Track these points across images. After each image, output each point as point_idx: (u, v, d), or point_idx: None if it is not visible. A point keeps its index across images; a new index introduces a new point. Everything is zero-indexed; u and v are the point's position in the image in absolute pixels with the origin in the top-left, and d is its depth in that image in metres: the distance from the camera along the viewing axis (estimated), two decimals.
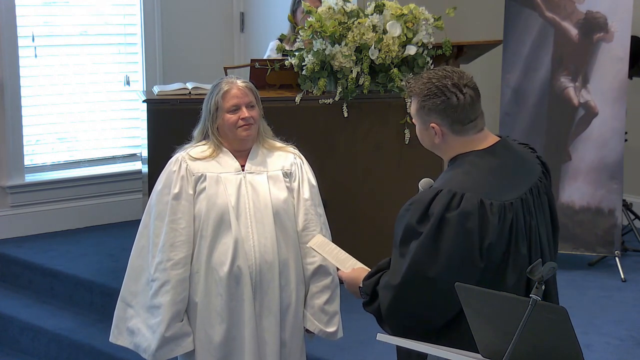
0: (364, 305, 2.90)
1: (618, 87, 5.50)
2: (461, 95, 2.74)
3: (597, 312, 4.96)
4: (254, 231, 3.46)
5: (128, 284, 3.58)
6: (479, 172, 2.74)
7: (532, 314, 2.26)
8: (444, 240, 2.66)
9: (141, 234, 3.57)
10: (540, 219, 2.82)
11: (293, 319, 3.56)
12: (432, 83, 2.77)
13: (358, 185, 5.19)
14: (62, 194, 6.36)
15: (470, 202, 2.66)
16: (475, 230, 2.65)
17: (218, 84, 3.53)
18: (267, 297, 3.49)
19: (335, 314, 3.62)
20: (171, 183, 3.48)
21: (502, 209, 2.69)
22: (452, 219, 2.65)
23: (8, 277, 5.77)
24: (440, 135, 2.78)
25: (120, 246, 5.92)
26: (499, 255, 2.70)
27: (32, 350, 5.18)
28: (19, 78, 6.14)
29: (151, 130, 5.05)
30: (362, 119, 5.16)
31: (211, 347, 3.48)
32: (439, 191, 2.71)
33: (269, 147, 3.59)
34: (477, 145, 2.79)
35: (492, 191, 2.70)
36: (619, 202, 5.53)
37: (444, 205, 2.67)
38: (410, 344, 2.57)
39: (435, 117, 2.77)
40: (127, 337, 3.57)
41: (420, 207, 2.71)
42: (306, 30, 5.11)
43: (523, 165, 2.86)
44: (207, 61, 6.70)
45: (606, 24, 5.50)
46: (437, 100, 2.75)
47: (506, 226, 2.69)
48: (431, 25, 5.16)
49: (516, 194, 2.74)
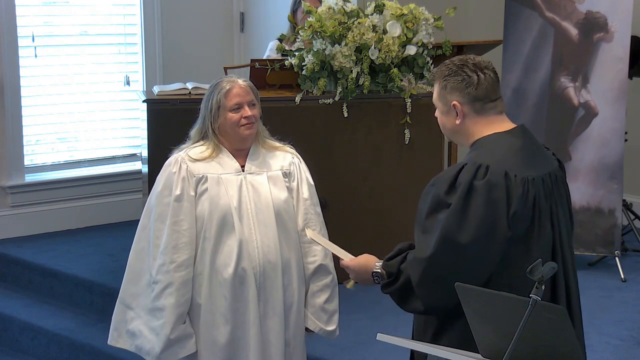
0: (385, 286, 2.90)
1: (618, 87, 5.50)
2: (481, 74, 2.82)
3: (597, 312, 4.95)
4: (257, 232, 3.46)
5: (127, 286, 3.56)
6: (502, 149, 2.80)
7: (532, 314, 2.26)
8: (473, 208, 2.71)
9: (140, 236, 3.56)
10: (559, 205, 2.86)
11: (295, 318, 3.56)
12: (452, 64, 2.86)
13: (358, 185, 5.19)
14: (62, 194, 6.36)
15: (495, 173, 2.72)
16: (502, 200, 2.71)
17: (218, 83, 3.52)
18: (271, 297, 3.49)
19: (335, 313, 3.63)
20: (172, 184, 3.47)
21: (526, 182, 2.75)
22: (480, 187, 2.71)
23: (8, 277, 5.77)
24: (461, 114, 2.84)
25: (120, 246, 5.92)
26: (524, 225, 2.75)
27: (32, 350, 5.17)
28: (19, 78, 6.13)
29: (151, 130, 5.05)
30: (362, 119, 5.16)
31: (216, 348, 3.48)
32: (464, 164, 2.77)
33: (268, 146, 3.60)
34: (498, 127, 2.85)
35: (515, 166, 2.76)
36: (619, 202, 5.53)
37: (470, 175, 2.73)
38: (410, 344, 2.57)
39: (457, 95, 2.83)
40: (128, 339, 3.55)
41: (448, 180, 2.77)
42: (306, 30, 5.11)
43: (541, 152, 2.92)
44: (207, 61, 6.70)
45: (606, 24, 5.50)
46: (459, 77, 2.83)
47: (530, 199, 2.75)
48: (431, 25, 5.16)
49: (538, 173, 2.80)
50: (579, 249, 5.58)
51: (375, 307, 4.86)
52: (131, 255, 3.57)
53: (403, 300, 2.87)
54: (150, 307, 3.47)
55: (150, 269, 3.48)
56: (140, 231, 3.56)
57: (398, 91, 5.10)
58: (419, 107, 5.12)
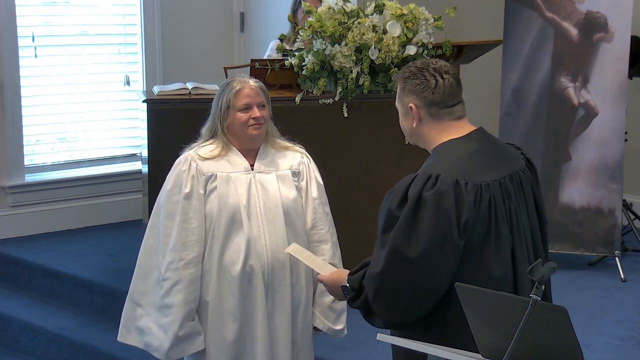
0: (350, 301, 2.92)
1: (618, 87, 5.50)
2: (440, 79, 2.82)
3: (597, 312, 4.96)
4: (266, 230, 3.48)
5: (137, 283, 3.58)
6: (456, 156, 2.79)
7: (532, 314, 2.26)
8: (422, 220, 2.70)
9: (149, 234, 3.57)
10: (521, 207, 2.84)
11: (303, 317, 3.58)
12: (413, 66, 2.87)
13: (358, 185, 5.19)
14: (62, 194, 6.36)
15: (445, 182, 2.71)
16: (452, 208, 2.69)
17: (229, 82, 3.54)
18: (278, 295, 3.51)
19: (343, 312, 3.66)
20: (181, 183, 3.49)
21: (478, 189, 2.73)
22: (428, 197, 2.70)
23: (8, 277, 5.77)
24: (417, 117, 2.84)
25: (120, 246, 5.92)
26: (480, 234, 2.72)
27: (32, 350, 5.18)
28: (19, 78, 6.14)
29: (151, 130, 5.04)
30: (362, 119, 5.16)
31: (224, 346, 3.50)
32: (416, 176, 2.77)
33: (277, 146, 3.61)
34: (454, 133, 2.84)
35: (467, 173, 2.75)
36: (619, 202, 5.53)
37: (420, 186, 2.72)
38: (410, 344, 2.57)
39: (413, 98, 2.84)
40: (137, 336, 3.57)
41: (399, 193, 2.77)
42: (306, 30, 5.11)
43: (502, 153, 2.90)
44: (207, 61, 6.70)
45: (606, 24, 5.50)
46: (416, 80, 2.83)
47: (484, 205, 2.72)
48: (431, 25, 5.16)
49: (494, 177, 2.78)
50: (579, 249, 5.58)
51: None
52: (141, 253, 3.59)
53: (368, 315, 2.88)
54: (159, 304, 3.49)
55: (159, 267, 3.50)
56: (149, 229, 3.58)
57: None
58: None
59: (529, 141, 5.61)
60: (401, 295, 2.73)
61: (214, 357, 3.52)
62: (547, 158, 5.61)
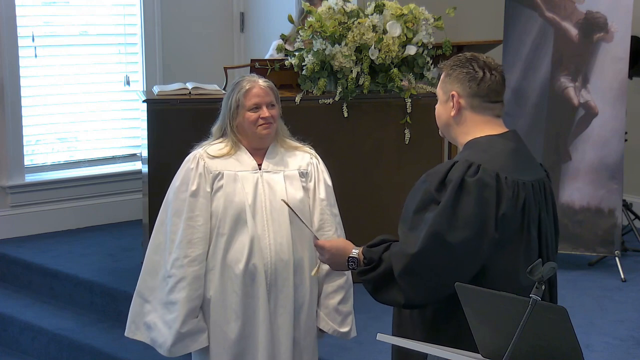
0: (362, 273, 2.86)
1: (618, 87, 5.50)
2: (488, 73, 2.80)
3: (597, 312, 4.95)
4: (270, 230, 3.48)
5: (145, 279, 3.60)
6: (494, 150, 2.77)
7: (532, 314, 2.26)
8: (463, 206, 2.68)
9: (158, 231, 3.59)
10: (547, 214, 2.84)
11: (306, 318, 3.58)
12: (463, 56, 2.84)
13: (358, 185, 5.19)
14: (62, 194, 6.36)
15: (486, 173, 2.69)
16: (492, 200, 2.68)
17: (239, 82, 3.56)
18: (281, 295, 3.51)
19: (349, 314, 3.65)
20: (189, 180, 3.50)
21: (516, 185, 2.72)
22: (471, 184, 2.68)
23: (8, 277, 5.77)
24: (457, 106, 2.81)
25: (120, 246, 5.92)
26: (512, 229, 2.72)
27: (32, 350, 5.18)
28: (19, 78, 6.14)
29: (151, 130, 5.05)
30: (362, 119, 5.16)
31: (226, 344, 3.51)
32: (456, 162, 2.74)
33: (287, 146, 3.62)
34: (491, 129, 2.81)
35: (507, 168, 2.73)
36: (619, 202, 5.53)
37: (462, 172, 2.70)
38: (410, 344, 2.57)
39: (457, 86, 2.81)
40: (145, 331, 3.59)
41: (438, 176, 2.74)
42: (306, 30, 5.12)
43: (532, 158, 2.90)
44: (207, 61, 6.71)
45: (606, 24, 5.50)
46: (464, 69, 2.80)
47: (520, 203, 2.72)
48: (431, 25, 5.17)
49: (529, 178, 2.77)
50: (579, 249, 5.58)
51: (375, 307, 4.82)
52: (149, 249, 3.61)
53: (378, 290, 2.83)
54: (165, 301, 3.51)
55: (165, 263, 3.51)
56: (158, 226, 3.60)
57: (398, 91, 5.10)
58: (419, 107, 5.11)
59: (529, 141, 5.59)
60: (432, 277, 2.71)
61: (217, 354, 3.53)
62: (547, 158, 5.61)
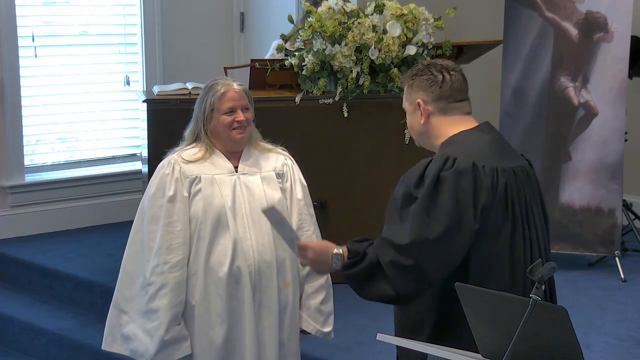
0: (347, 267, 2.86)
1: (618, 87, 5.50)
2: (447, 75, 2.86)
3: (597, 312, 4.95)
4: (252, 231, 3.47)
5: (121, 290, 3.55)
6: (470, 142, 2.81)
7: (532, 314, 2.26)
8: (441, 200, 2.71)
9: (133, 239, 3.55)
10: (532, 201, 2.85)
11: (290, 319, 3.56)
12: (421, 64, 2.92)
13: (358, 185, 5.19)
14: (62, 194, 6.36)
15: (463, 163, 2.72)
16: (469, 190, 2.71)
17: (213, 85, 3.52)
18: (265, 296, 3.49)
19: (330, 314, 3.64)
20: (165, 186, 3.47)
21: (495, 172, 2.74)
22: (448, 176, 2.71)
23: (8, 277, 5.77)
24: (425, 113, 2.86)
25: (120, 246, 5.86)
26: (496, 218, 2.73)
27: (32, 350, 5.17)
28: (19, 78, 6.14)
29: (151, 130, 5.05)
30: (362, 119, 5.16)
31: (212, 349, 3.47)
32: (432, 159, 2.78)
33: (260, 148, 3.61)
34: (463, 126, 2.86)
35: (483, 157, 2.76)
36: (619, 202, 5.53)
37: (438, 167, 2.74)
38: (410, 344, 2.57)
39: (421, 94, 2.87)
40: (122, 343, 3.54)
41: (416, 174, 2.78)
42: (306, 30, 5.12)
43: (509, 146, 2.93)
44: (207, 61, 6.71)
45: (606, 24, 5.50)
46: (424, 76, 2.87)
47: (500, 189, 2.74)
48: (431, 25, 5.17)
49: (508, 165, 2.80)
50: (579, 249, 5.58)
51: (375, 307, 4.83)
52: (125, 258, 3.56)
53: (363, 284, 2.83)
54: (144, 310, 3.46)
55: (144, 272, 3.47)
56: (133, 234, 3.55)
57: (398, 91, 5.09)
58: None
59: (529, 141, 5.61)
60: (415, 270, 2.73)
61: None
62: (547, 158, 5.61)
